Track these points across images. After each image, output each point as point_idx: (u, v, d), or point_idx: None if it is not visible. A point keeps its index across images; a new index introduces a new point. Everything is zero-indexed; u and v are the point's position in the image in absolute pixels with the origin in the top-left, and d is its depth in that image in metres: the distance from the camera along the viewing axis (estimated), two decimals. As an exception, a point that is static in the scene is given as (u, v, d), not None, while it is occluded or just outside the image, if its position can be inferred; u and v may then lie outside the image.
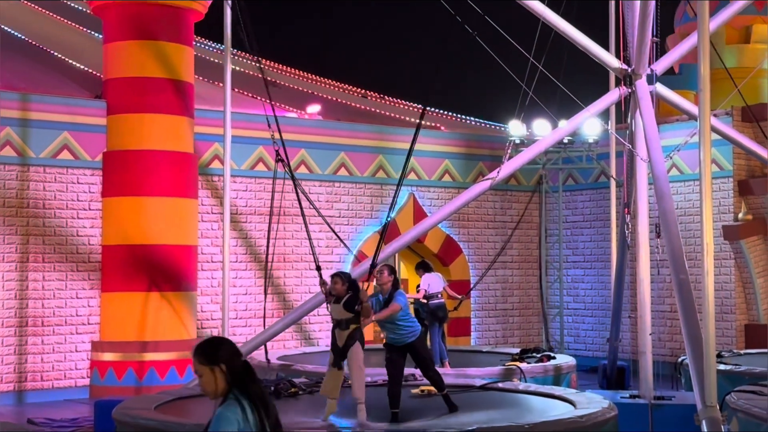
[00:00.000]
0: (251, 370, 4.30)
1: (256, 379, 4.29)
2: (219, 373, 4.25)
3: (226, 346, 4.33)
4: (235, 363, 4.26)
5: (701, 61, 8.41)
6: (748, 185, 17.27)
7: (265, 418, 4.20)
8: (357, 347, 9.09)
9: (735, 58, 20.60)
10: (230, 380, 4.24)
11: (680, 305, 9.81)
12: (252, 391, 4.23)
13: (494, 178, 12.23)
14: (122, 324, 14.72)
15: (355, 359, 9.07)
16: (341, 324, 9.14)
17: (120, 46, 15.11)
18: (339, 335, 9.15)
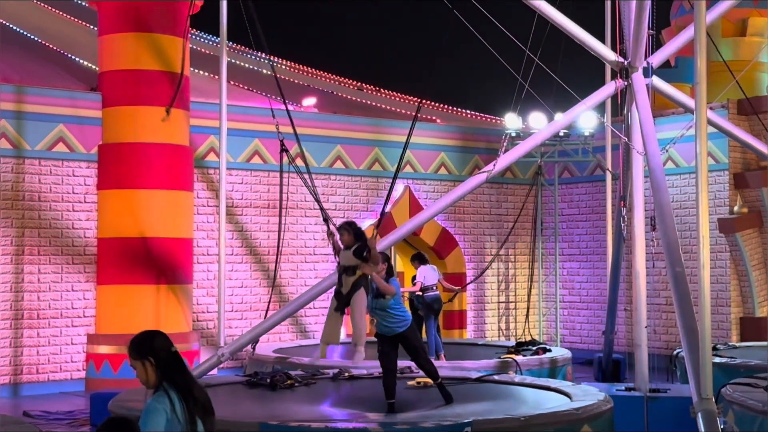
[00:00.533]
0: (179, 361, 4.49)
1: (183, 369, 4.48)
2: (149, 365, 4.45)
3: (155, 339, 4.52)
4: (163, 355, 4.46)
5: (698, 53, 8.40)
6: (744, 178, 17.29)
7: (193, 406, 4.39)
8: (362, 293, 9.39)
9: (731, 51, 20.59)
10: (160, 372, 4.44)
11: (676, 298, 9.82)
12: (178, 382, 4.43)
13: (490, 171, 12.23)
14: (118, 316, 14.71)
15: (358, 305, 9.27)
16: (348, 270, 9.50)
17: (115, 38, 15.06)
18: (345, 281, 9.49)
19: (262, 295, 16.95)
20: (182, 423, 4.39)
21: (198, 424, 4.45)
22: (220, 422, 8.05)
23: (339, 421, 8.56)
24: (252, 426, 7.74)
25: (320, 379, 11.28)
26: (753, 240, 17.37)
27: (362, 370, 11.67)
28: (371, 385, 10.96)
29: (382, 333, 9.45)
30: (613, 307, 14.07)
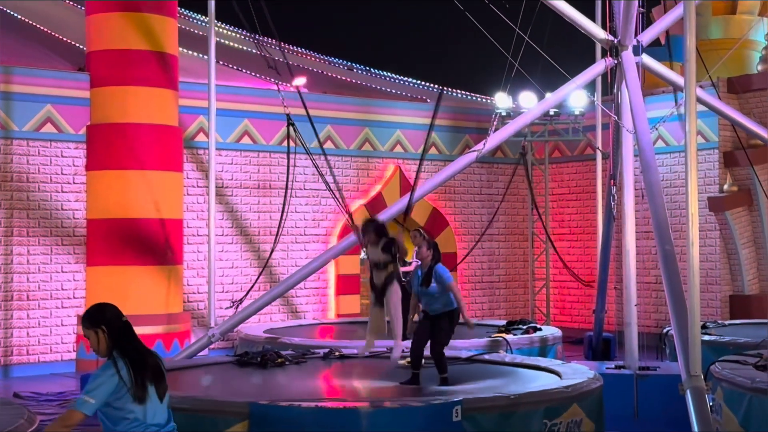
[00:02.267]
0: (129, 330, 4.90)
1: (133, 338, 4.89)
2: (101, 334, 4.85)
3: (107, 310, 4.93)
4: (114, 325, 4.86)
5: (687, 32, 8.38)
6: (734, 157, 17.31)
7: (142, 372, 4.78)
8: (395, 286, 9.53)
9: (721, 30, 20.56)
10: (111, 341, 4.84)
11: (665, 276, 9.84)
12: (129, 349, 4.83)
13: (480, 150, 12.22)
14: (107, 298, 14.49)
15: (393, 300, 9.51)
16: (379, 265, 9.58)
17: (103, 18, 14.96)
18: (377, 275, 9.61)
19: (252, 276, 16.93)
20: (129, 387, 4.74)
21: (149, 389, 4.81)
22: (211, 402, 8.07)
23: (329, 400, 8.56)
24: (242, 405, 7.74)
25: (311, 358, 11.29)
26: (742, 218, 17.42)
27: (353, 350, 11.69)
28: (362, 364, 10.98)
29: (426, 311, 9.76)
30: (603, 286, 14.10)
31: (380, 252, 9.55)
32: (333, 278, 17.83)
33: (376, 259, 9.59)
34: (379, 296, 9.64)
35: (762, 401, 8.01)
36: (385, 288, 9.56)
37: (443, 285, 9.46)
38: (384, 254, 9.53)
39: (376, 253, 9.58)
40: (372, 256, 9.66)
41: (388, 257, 9.52)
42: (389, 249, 9.52)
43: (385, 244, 9.55)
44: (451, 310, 9.62)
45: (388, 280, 9.53)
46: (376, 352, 11.51)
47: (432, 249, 9.66)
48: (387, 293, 9.55)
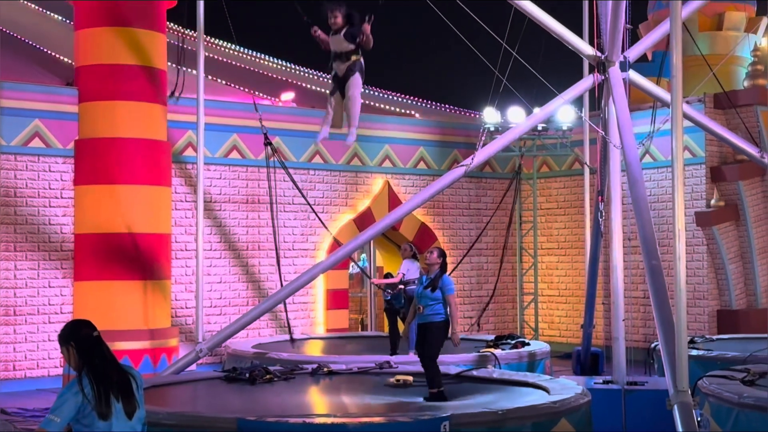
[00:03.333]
0: (99, 346, 4.87)
1: (101, 354, 4.86)
2: (72, 350, 4.85)
3: (76, 326, 4.93)
4: (83, 341, 4.86)
5: (673, 48, 8.43)
6: (721, 172, 17.39)
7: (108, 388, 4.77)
8: (356, 77, 9.29)
9: (707, 45, 20.68)
10: (81, 357, 4.84)
11: (652, 291, 9.87)
12: (96, 364, 4.82)
13: (468, 165, 12.24)
14: (95, 313, 14.60)
15: (353, 88, 9.27)
16: (341, 56, 9.29)
17: (92, 32, 14.96)
18: (338, 67, 9.31)
19: (240, 291, 16.92)
20: (92, 404, 4.74)
21: (114, 406, 4.79)
22: (198, 417, 8.04)
23: (317, 416, 8.55)
24: (230, 421, 7.72)
25: (299, 374, 11.27)
26: (730, 233, 17.49)
27: (341, 365, 11.67)
28: (350, 380, 10.96)
29: (421, 321, 9.75)
30: (591, 301, 14.11)
31: (343, 40, 9.23)
32: (322, 293, 17.81)
33: (339, 49, 9.27)
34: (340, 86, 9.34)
35: (749, 416, 8.03)
36: (346, 78, 9.28)
37: (444, 295, 9.57)
38: (347, 43, 9.22)
39: (338, 42, 9.24)
40: (335, 46, 9.32)
41: (351, 47, 9.23)
42: (353, 37, 9.20)
43: (348, 32, 9.22)
44: (442, 321, 9.68)
45: (350, 70, 9.24)
46: (364, 368, 11.51)
47: (442, 257, 9.75)
48: (347, 84, 9.26)
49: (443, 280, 9.68)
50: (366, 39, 9.18)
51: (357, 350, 14.42)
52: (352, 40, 9.16)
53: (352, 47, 9.17)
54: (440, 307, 9.67)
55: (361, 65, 9.26)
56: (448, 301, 9.63)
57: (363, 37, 9.16)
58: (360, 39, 9.17)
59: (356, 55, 9.19)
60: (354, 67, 9.17)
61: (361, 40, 9.17)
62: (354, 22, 9.14)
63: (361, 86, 9.34)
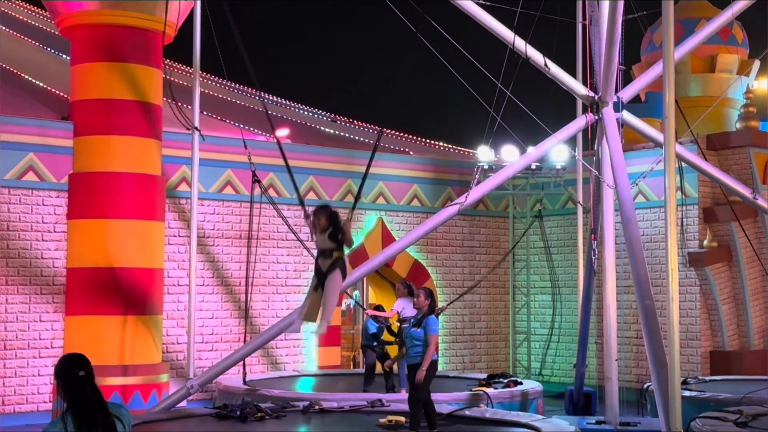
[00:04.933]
0: (85, 384, 4.75)
1: (88, 393, 4.74)
2: (60, 387, 4.77)
3: (65, 363, 4.84)
4: (68, 379, 4.75)
5: (666, 89, 8.50)
6: (714, 212, 17.45)
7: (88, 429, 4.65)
8: (337, 273, 9.66)
9: (700, 87, 20.86)
10: (66, 394, 4.75)
11: (645, 331, 9.86)
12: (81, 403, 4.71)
13: (462, 203, 12.27)
14: (86, 348, 14.50)
15: (332, 284, 9.61)
16: (325, 253, 9.72)
17: (88, 67, 15.01)
18: (323, 263, 9.73)
19: (232, 327, 16.85)
20: None
21: None
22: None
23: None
24: (220, 459, 7.66)
25: (290, 411, 11.20)
26: (722, 274, 17.50)
27: (333, 403, 11.60)
28: (341, 419, 10.89)
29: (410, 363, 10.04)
30: (584, 340, 14.09)
31: (327, 239, 9.70)
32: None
33: (323, 247, 9.75)
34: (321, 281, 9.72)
35: (742, 458, 7.99)
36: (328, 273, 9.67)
37: (426, 334, 9.77)
38: (330, 242, 9.67)
39: (323, 241, 9.73)
40: (319, 244, 9.82)
41: (334, 245, 9.67)
42: (336, 237, 9.67)
43: (331, 232, 9.70)
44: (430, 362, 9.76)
45: (332, 267, 9.65)
46: (356, 407, 11.45)
47: (429, 298, 10.18)
48: (327, 279, 9.63)
49: (428, 320, 9.89)
50: (346, 237, 9.75)
51: (349, 388, 14.34)
52: (335, 240, 9.71)
53: (334, 245, 9.72)
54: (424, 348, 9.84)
55: (343, 263, 9.85)
56: (428, 340, 9.82)
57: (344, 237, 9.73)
58: (341, 238, 9.72)
59: (338, 252, 9.72)
60: (336, 264, 9.68)
61: (342, 237, 9.72)
62: (337, 224, 9.74)
63: (340, 283, 9.84)
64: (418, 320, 9.98)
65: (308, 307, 9.87)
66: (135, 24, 14.97)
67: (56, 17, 15.44)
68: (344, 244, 9.72)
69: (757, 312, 17.75)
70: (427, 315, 9.96)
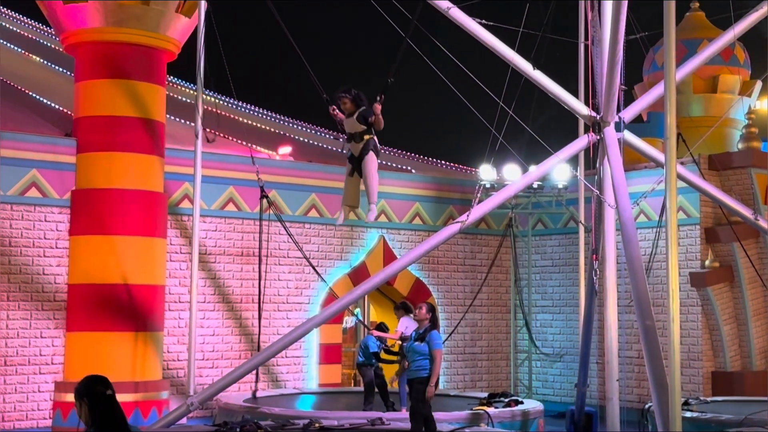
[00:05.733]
0: (111, 405, 5.01)
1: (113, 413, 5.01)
2: (84, 406, 4.97)
3: (91, 382, 5.07)
4: (96, 398, 4.99)
5: (668, 109, 8.51)
6: (716, 233, 17.44)
7: None
8: (371, 156, 9.68)
9: (702, 108, 20.91)
10: (91, 414, 4.96)
11: (646, 351, 9.85)
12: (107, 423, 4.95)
13: (464, 222, 12.27)
14: (87, 364, 14.52)
15: (369, 165, 9.64)
16: (355, 137, 9.73)
17: (92, 84, 15.07)
18: (354, 147, 9.75)
19: (233, 344, 16.83)
20: None
21: None
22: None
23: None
24: (219, 477, 7.64)
25: (290, 429, 11.18)
26: (724, 294, 17.48)
27: (333, 421, 11.58)
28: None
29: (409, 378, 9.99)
30: (586, 360, 14.05)
31: (356, 122, 9.64)
32: (315, 347, 17.73)
33: (352, 131, 9.70)
34: (356, 166, 9.71)
35: (743, 480, 7.96)
36: (361, 157, 9.64)
37: (431, 349, 9.69)
38: (360, 124, 9.62)
39: (352, 124, 9.68)
40: (348, 128, 9.75)
41: (364, 127, 9.63)
42: (365, 118, 9.61)
43: (360, 112, 9.64)
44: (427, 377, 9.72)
45: (364, 149, 9.62)
46: (356, 425, 11.42)
47: (431, 312, 10.15)
48: (363, 162, 9.64)
49: (431, 335, 9.80)
50: (377, 119, 9.69)
51: (349, 406, 14.31)
52: (364, 122, 9.69)
53: (364, 128, 9.70)
54: (426, 362, 9.77)
55: (375, 143, 9.86)
56: (434, 355, 9.74)
57: (373, 117, 9.68)
58: (371, 119, 9.67)
59: (369, 135, 9.71)
60: (368, 146, 9.70)
61: (372, 120, 9.65)
62: (363, 104, 9.70)
63: (376, 164, 9.90)
64: (420, 334, 9.89)
65: (348, 192, 9.92)
66: (139, 41, 15.04)
67: (61, 34, 15.51)
68: (374, 126, 9.61)
69: (759, 333, 17.72)
70: (429, 330, 9.88)
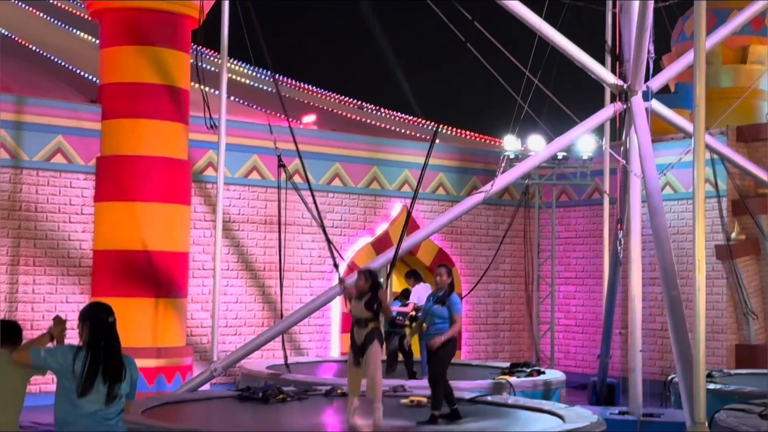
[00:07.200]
0: (110, 331, 5.47)
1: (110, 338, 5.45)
2: (86, 328, 5.45)
3: (95, 308, 5.59)
4: (97, 323, 5.46)
5: (697, 78, 8.42)
6: (742, 205, 17.28)
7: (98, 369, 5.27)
8: (375, 346, 9.03)
9: (731, 78, 20.67)
10: (90, 336, 5.41)
11: (671, 322, 9.81)
12: (100, 346, 5.36)
13: (487, 192, 12.24)
14: (111, 329, 14.63)
15: (372, 359, 9.01)
16: (360, 322, 9.11)
17: (116, 51, 15.09)
18: (358, 333, 9.11)
19: (256, 311, 16.91)
20: (77, 377, 5.25)
21: (98, 387, 5.26)
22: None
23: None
24: (242, 441, 7.69)
25: (312, 395, 11.23)
26: (750, 267, 17.35)
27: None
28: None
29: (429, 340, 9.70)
30: (609, 331, 14.03)
31: (363, 308, 9.11)
32: (337, 316, 17.78)
33: (358, 316, 9.14)
34: (357, 356, 9.10)
35: (767, 451, 7.93)
36: (365, 347, 9.02)
37: (451, 314, 9.53)
38: (367, 311, 9.08)
39: (359, 309, 9.15)
40: (355, 312, 9.22)
41: (370, 314, 9.07)
42: (372, 306, 9.07)
43: (367, 300, 9.09)
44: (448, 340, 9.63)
45: (369, 338, 9.01)
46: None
47: (451, 276, 9.81)
48: (367, 353, 9.01)
49: (452, 299, 9.63)
50: (385, 308, 9.17)
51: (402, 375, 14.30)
52: (371, 309, 9.10)
53: (369, 315, 9.09)
54: (445, 326, 9.57)
55: (380, 333, 9.13)
56: (454, 319, 9.56)
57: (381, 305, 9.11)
58: (377, 308, 9.10)
59: (374, 323, 9.07)
60: (372, 335, 9.03)
61: (379, 308, 9.11)
62: (375, 292, 9.12)
63: (380, 358, 9.19)
64: (439, 298, 9.68)
65: (352, 384, 9.21)
66: (163, 8, 15.03)
67: (86, 1, 15.52)
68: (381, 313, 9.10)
69: (784, 306, 17.59)
70: (448, 294, 9.69)
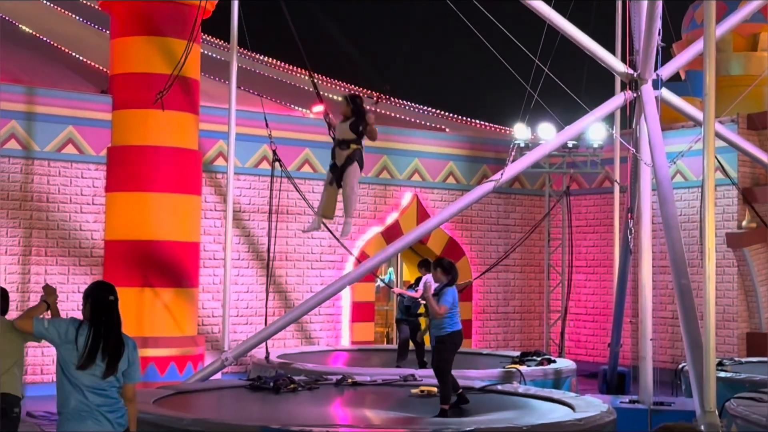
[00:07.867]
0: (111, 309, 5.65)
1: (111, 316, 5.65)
2: (88, 305, 5.65)
3: (99, 287, 5.77)
4: (99, 301, 5.65)
5: (707, 66, 8.40)
6: (753, 193, 17.23)
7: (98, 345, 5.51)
8: (354, 167, 9.31)
9: (742, 66, 20.58)
10: (91, 312, 5.62)
11: (681, 310, 9.80)
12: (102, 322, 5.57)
13: (498, 181, 12.23)
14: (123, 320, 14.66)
15: (351, 177, 9.27)
16: (343, 144, 9.35)
17: (127, 41, 15.11)
18: (339, 155, 9.36)
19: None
20: (79, 351, 5.53)
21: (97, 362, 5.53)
22: (223, 425, 8.06)
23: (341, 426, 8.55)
24: (254, 429, 7.74)
25: (323, 384, 11.28)
26: (761, 255, 17.31)
27: (366, 377, 11.67)
28: (374, 392, 10.96)
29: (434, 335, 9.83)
30: (619, 320, 14.03)
31: (348, 129, 9.31)
32: (348, 305, 17.82)
33: (342, 137, 9.36)
34: (337, 176, 9.32)
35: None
36: (345, 168, 9.28)
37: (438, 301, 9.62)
38: (351, 132, 9.30)
39: (343, 131, 9.34)
40: (339, 133, 9.42)
41: (354, 136, 9.30)
42: (357, 128, 9.28)
43: (353, 122, 9.30)
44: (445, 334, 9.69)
45: (349, 160, 9.26)
46: (389, 380, 11.51)
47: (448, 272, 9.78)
48: (346, 172, 9.25)
49: (444, 291, 9.70)
50: (370, 130, 9.31)
51: (382, 363, 14.41)
52: (356, 131, 9.30)
53: (354, 137, 9.33)
54: (445, 321, 9.68)
55: (360, 155, 9.40)
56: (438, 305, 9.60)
57: (367, 128, 9.29)
58: (362, 129, 9.30)
59: (356, 145, 9.32)
60: (353, 156, 9.29)
61: (364, 130, 9.29)
62: (360, 114, 9.31)
63: (358, 176, 9.43)
64: (436, 292, 9.83)
65: (324, 201, 9.56)
66: (173, -2, 15.02)
67: (96, -9, 15.54)
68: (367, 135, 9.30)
69: (796, 294, 17.55)
70: (443, 287, 9.77)
